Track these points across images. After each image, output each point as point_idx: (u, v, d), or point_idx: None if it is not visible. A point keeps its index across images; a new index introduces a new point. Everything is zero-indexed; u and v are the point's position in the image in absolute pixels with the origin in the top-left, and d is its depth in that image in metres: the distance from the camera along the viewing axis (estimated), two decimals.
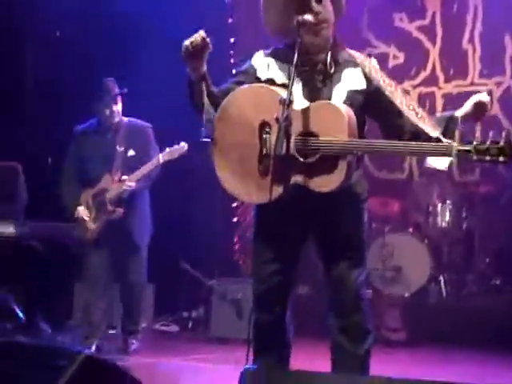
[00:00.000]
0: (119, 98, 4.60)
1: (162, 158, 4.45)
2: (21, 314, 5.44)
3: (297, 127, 2.53)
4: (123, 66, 5.59)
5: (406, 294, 5.52)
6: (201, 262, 6.04)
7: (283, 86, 2.63)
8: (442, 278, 5.58)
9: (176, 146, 4.49)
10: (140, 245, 4.67)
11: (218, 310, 5.31)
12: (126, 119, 4.67)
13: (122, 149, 4.52)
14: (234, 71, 6.46)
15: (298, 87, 2.63)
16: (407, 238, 5.70)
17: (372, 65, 2.68)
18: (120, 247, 4.58)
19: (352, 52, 2.74)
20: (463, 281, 5.60)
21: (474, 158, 2.42)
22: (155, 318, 5.98)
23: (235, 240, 6.77)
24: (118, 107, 4.59)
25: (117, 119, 4.59)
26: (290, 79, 2.51)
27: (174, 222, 6.16)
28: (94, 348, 4.54)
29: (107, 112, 4.54)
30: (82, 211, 4.55)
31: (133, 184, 4.46)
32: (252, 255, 2.84)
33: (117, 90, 4.56)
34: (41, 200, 5.46)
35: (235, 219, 6.79)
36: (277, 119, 2.46)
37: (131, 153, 4.53)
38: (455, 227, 5.77)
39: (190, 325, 5.76)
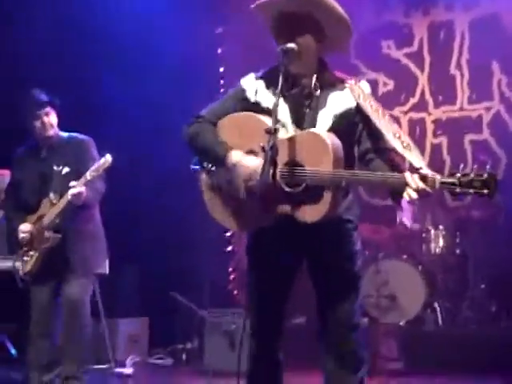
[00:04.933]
0: (51, 110, 4.15)
1: (89, 175, 3.91)
2: (13, 350, 5.38)
3: (283, 157, 2.52)
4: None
5: (402, 323, 5.48)
6: (195, 292, 5.99)
7: (267, 110, 2.62)
8: (437, 305, 5.53)
9: (101, 160, 3.96)
10: (83, 271, 4.06)
11: (211, 342, 5.25)
12: (65, 134, 4.22)
13: (60, 168, 4.06)
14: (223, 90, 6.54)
15: (285, 111, 2.62)
16: (401, 265, 5.65)
17: (361, 89, 2.65)
18: (62, 276, 4.06)
19: (341, 75, 2.72)
20: (459, 307, 5.55)
21: (458, 190, 2.34)
22: (150, 351, 5.94)
23: (230, 270, 6.72)
24: (51, 119, 4.14)
25: (50, 132, 4.13)
26: (274, 107, 2.48)
27: (167, 252, 6.12)
28: None
29: (38, 124, 4.10)
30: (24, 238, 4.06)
31: (82, 189, 3.90)
32: (247, 287, 2.82)
33: (45, 98, 4.11)
34: None
35: (229, 248, 6.76)
36: (263, 148, 2.44)
37: (66, 169, 4.02)
38: (449, 253, 5.75)
39: (184, 357, 5.69)
